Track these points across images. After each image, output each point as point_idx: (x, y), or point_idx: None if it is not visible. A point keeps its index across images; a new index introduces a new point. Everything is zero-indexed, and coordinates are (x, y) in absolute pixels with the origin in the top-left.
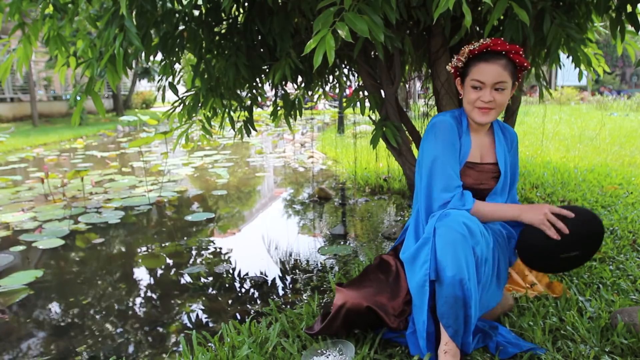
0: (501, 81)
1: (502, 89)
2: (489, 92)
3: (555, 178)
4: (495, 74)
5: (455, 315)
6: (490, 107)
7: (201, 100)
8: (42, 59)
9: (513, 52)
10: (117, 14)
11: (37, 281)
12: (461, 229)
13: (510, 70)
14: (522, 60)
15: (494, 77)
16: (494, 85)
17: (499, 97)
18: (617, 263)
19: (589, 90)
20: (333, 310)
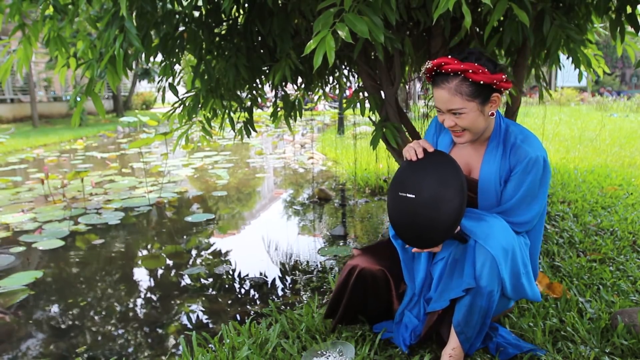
0: (452, 108)
1: (459, 113)
2: (448, 118)
3: (556, 179)
4: (444, 100)
5: (475, 324)
6: (457, 132)
7: (201, 101)
8: (42, 60)
9: (469, 71)
10: (117, 15)
11: (37, 282)
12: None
13: (467, 91)
14: (481, 79)
15: (443, 104)
16: (449, 111)
17: (460, 122)
18: (617, 264)
19: (588, 91)
20: (344, 272)
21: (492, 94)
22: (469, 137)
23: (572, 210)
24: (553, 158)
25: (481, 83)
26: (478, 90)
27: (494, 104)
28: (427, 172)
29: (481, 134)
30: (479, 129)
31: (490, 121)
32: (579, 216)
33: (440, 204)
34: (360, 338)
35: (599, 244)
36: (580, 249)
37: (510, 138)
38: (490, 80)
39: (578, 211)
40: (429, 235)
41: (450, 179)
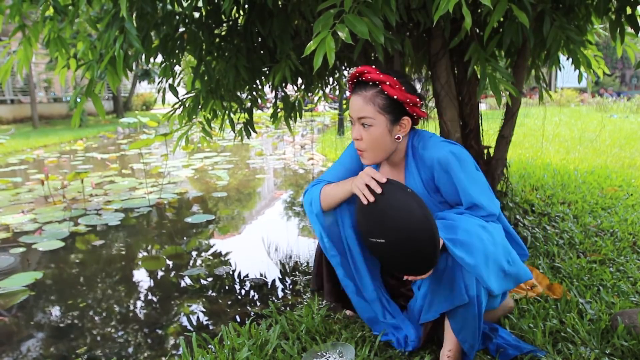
0: (363, 116)
1: (368, 125)
2: (357, 128)
3: (556, 180)
4: (357, 107)
5: (472, 328)
6: (360, 147)
7: (201, 102)
8: (43, 61)
9: (386, 83)
10: (118, 16)
11: (37, 283)
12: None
13: (381, 103)
14: (396, 94)
15: (355, 111)
16: (359, 121)
17: (367, 135)
18: (617, 265)
19: (588, 92)
20: (317, 247)
21: (403, 116)
22: (371, 158)
23: (572, 211)
24: (553, 159)
25: (395, 99)
26: (391, 106)
27: (403, 128)
28: (384, 211)
29: (388, 156)
30: (383, 149)
31: (398, 145)
32: (579, 217)
33: (413, 238)
34: (360, 339)
35: (599, 245)
36: (580, 250)
37: (416, 152)
38: (404, 98)
39: (578, 212)
40: (418, 266)
41: (407, 206)
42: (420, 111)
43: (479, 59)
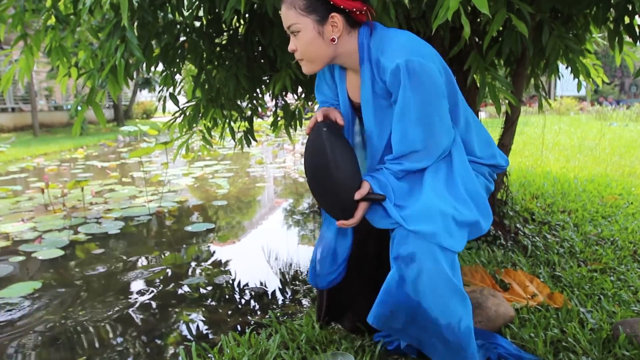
0: (289, 24)
1: (296, 31)
2: (291, 40)
3: (556, 188)
4: (283, 16)
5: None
6: (297, 57)
7: (201, 110)
8: (44, 69)
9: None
10: (119, 25)
11: (36, 292)
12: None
13: (302, 5)
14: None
15: (284, 21)
16: (290, 30)
17: (298, 43)
18: (618, 274)
19: (588, 100)
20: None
21: (329, 13)
22: (309, 67)
23: (572, 220)
24: (553, 167)
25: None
26: (312, 4)
27: (335, 26)
28: (305, 150)
29: (325, 62)
30: (317, 55)
31: (341, 49)
32: (580, 226)
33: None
34: (360, 349)
35: (599, 254)
36: (581, 259)
37: (372, 55)
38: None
39: (578, 220)
40: (332, 210)
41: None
42: (351, 3)
43: (478, 67)
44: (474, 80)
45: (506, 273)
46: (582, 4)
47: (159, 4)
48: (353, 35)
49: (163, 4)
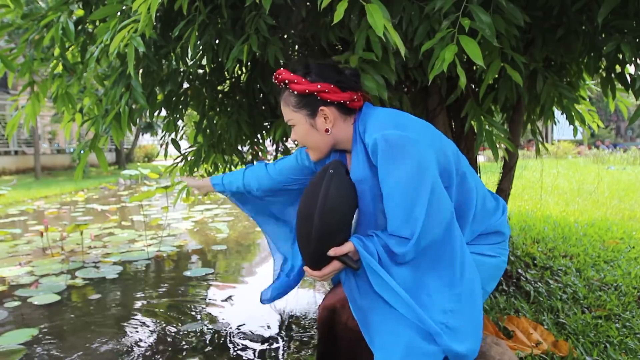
0: (287, 120)
1: (292, 125)
2: (292, 131)
3: (556, 232)
4: (283, 112)
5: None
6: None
7: (203, 155)
8: (48, 113)
9: (290, 81)
10: (124, 73)
11: (33, 340)
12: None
13: (293, 102)
14: (296, 88)
15: (284, 116)
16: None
17: (295, 135)
18: (623, 320)
19: (585, 144)
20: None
21: (318, 107)
22: (313, 155)
23: (574, 265)
24: (553, 211)
25: (298, 93)
26: (302, 101)
27: (327, 118)
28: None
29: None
30: (317, 145)
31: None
32: (582, 271)
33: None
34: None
35: (603, 300)
36: (584, 305)
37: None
38: (303, 90)
39: (580, 265)
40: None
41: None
42: (339, 95)
43: (475, 114)
44: (472, 126)
45: (509, 320)
46: (574, 54)
47: (164, 54)
48: (349, 121)
49: (168, 53)
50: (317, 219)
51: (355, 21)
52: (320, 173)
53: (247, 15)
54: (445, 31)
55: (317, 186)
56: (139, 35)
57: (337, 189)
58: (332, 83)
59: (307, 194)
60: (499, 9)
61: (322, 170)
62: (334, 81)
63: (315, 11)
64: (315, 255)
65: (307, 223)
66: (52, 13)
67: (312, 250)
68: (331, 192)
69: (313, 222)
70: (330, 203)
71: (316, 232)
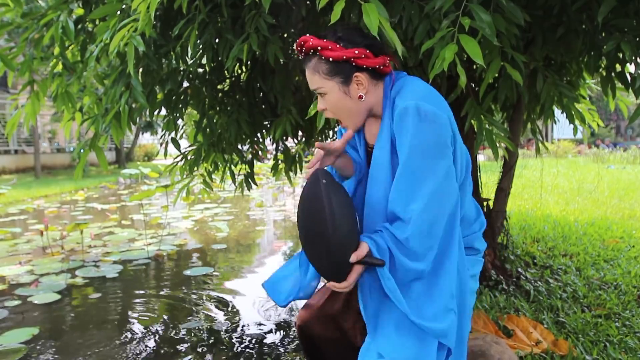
0: (315, 87)
1: (323, 93)
2: (319, 100)
3: (556, 232)
4: (309, 80)
5: None
6: (329, 116)
7: (203, 154)
8: (48, 112)
9: (319, 48)
10: (124, 73)
11: (34, 339)
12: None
13: (324, 69)
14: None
15: (310, 84)
16: (317, 93)
17: (326, 104)
18: (623, 319)
19: (585, 143)
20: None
21: (352, 73)
22: (348, 123)
23: (574, 264)
24: (553, 210)
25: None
26: (335, 68)
27: (360, 84)
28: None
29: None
30: (350, 113)
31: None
32: (582, 270)
33: (307, 234)
34: None
35: (603, 299)
36: (584, 304)
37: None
38: (340, 56)
39: (580, 264)
40: (322, 269)
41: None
42: (372, 60)
43: (475, 113)
44: (472, 125)
45: (509, 319)
46: (574, 53)
47: (164, 53)
48: (379, 86)
49: (168, 52)
50: (331, 235)
51: (355, 20)
52: (312, 187)
53: (247, 14)
54: (446, 30)
55: (318, 201)
56: (139, 34)
57: (336, 196)
58: (365, 48)
59: (309, 212)
60: (499, 7)
61: (313, 183)
62: (365, 46)
63: (314, 10)
64: (339, 268)
65: (321, 242)
66: (52, 12)
67: (334, 266)
68: (334, 203)
69: (329, 239)
70: (338, 214)
71: (335, 247)
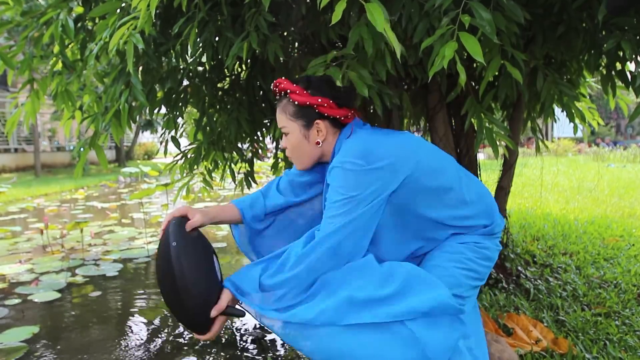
0: (281, 126)
1: (286, 133)
2: (283, 138)
3: (556, 230)
4: (278, 119)
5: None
6: (287, 155)
7: (203, 153)
8: (48, 111)
9: (288, 91)
10: (124, 71)
11: (34, 337)
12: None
13: (291, 111)
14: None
15: (278, 123)
16: (282, 132)
17: (287, 144)
18: (623, 318)
19: (585, 141)
20: None
21: (314, 119)
22: (298, 164)
23: (574, 262)
24: (553, 209)
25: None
26: (300, 111)
27: (320, 131)
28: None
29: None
30: (304, 155)
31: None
32: (582, 268)
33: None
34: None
35: (603, 297)
36: (584, 303)
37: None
38: (304, 102)
39: (580, 263)
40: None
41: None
42: (335, 110)
43: (475, 112)
44: (472, 124)
45: (509, 317)
46: (575, 51)
47: (164, 51)
48: (335, 136)
49: (167, 50)
50: (184, 297)
51: (355, 19)
52: (163, 248)
53: (247, 12)
54: (445, 28)
55: (168, 265)
56: (139, 33)
57: (187, 258)
58: (330, 98)
59: (162, 273)
60: (499, 6)
61: (163, 245)
62: (331, 96)
63: (315, 8)
64: (199, 324)
65: (177, 301)
66: (52, 10)
67: (197, 323)
68: (185, 267)
69: (183, 300)
70: (189, 276)
71: (191, 306)
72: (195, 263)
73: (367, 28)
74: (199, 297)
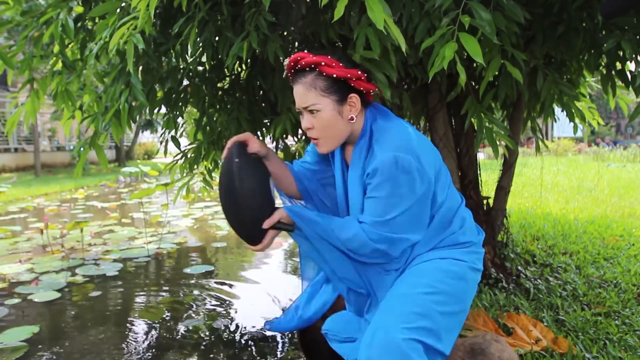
0: (308, 104)
1: (315, 110)
2: (306, 118)
3: (556, 230)
4: (300, 96)
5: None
6: (312, 136)
7: (203, 153)
8: (48, 111)
9: (322, 64)
10: (124, 71)
11: (35, 337)
12: None
13: (322, 85)
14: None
15: (300, 100)
16: (306, 109)
17: (317, 122)
18: (622, 318)
19: (585, 141)
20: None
21: (349, 94)
22: (327, 145)
23: (574, 262)
24: (553, 208)
25: (335, 77)
26: (333, 85)
27: (353, 106)
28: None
29: (342, 140)
30: (337, 134)
31: (353, 126)
32: (582, 268)
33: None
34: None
35: (603, 297)
36: (584, 302)
37: (372, 139)
38: (344, 74)
39: (580, 263)
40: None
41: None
42: (367, 84)
43: (475, 112)
44: (472, 123)
45: (509, 317)
46: (575, 51)
47: (164, 51)
48: (362, 114)
49: (167, 50)
50: (243, 208)
51: (356, 18)
52: (226, 165)
53: (247, 12)
54: (445, 28)
55: (230, 180)
56: (139, 32)
57: (248, 175)
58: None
59: (225, 188)
60: (499, 6)
61: (227, 161)
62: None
63: (315, 8)
64: (253, 234)
65: (235, 213)
66: (52, 10)
67: (248, 233)
68: (245, 182)
69: (242, 212)
70: (249, 190)
71: (250, 217)
72: (254, 177)
73: (372, 29)
74: (256, 209)
